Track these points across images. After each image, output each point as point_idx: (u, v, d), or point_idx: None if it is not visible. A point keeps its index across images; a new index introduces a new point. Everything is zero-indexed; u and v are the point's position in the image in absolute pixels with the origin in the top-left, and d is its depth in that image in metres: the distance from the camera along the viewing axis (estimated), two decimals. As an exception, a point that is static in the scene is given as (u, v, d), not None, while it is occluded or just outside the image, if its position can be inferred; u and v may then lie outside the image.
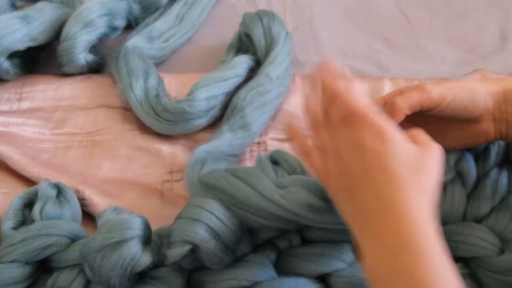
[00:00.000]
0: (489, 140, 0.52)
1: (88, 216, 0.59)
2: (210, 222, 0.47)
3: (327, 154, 0.44)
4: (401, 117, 0.48)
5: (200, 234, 0.46)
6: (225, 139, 0.61)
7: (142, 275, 0.50)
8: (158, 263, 0.50)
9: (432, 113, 0.50)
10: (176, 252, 0.47)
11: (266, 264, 0.51)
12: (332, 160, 0.43)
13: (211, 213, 0.48)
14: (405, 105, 0.47)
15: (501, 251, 0.50)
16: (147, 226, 0.49)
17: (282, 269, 0.52)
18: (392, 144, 0.40)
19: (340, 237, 0.51)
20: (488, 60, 0.73)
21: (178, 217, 0.49)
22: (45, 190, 0.56)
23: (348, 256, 0.51)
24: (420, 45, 0.76)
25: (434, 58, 0.74)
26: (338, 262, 0.51)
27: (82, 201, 0.59)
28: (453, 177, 0.54)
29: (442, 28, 0.78)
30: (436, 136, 0.51)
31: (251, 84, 0.65)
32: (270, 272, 0.51)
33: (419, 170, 0.40)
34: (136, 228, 0.47)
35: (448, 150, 0.51)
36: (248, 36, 0.70)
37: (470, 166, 0.55)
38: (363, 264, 0.40)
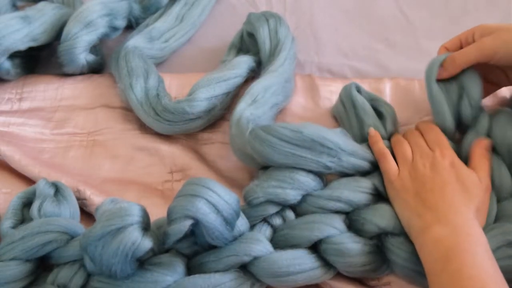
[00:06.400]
0: None
1: (89, 216, 0.60)
2: (209, 197, 0.48)
3: (406, 162, 0.56)
4: (459, 70, 0.58)
5: (200, 208, 0.47)
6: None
7: (142, 263, 0.50)
8: (157, 252, 0.51)
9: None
10: (177, 228, 0.47)
11: (263, 240, 0.53)
12: (409, 168, 0.55)
13: (209, 189, 0.49)
14: (463, 62, 0.57)
15: None
16: (145, 214, 0.50)
17: (278, 244, 0.54)
18: (463, 171, 0.54)
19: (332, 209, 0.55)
20: (488, 60, 0.73)
21: (177, 196, 0.50)
22: (43, 188, 0.56)
23: (338, 224, 0.54)
24: (420, 45, 0.76)
25: (434, 58, 0.74)
26: (330, 228, 0.53)
27: (83, 201, 0.59)
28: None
29: (442, 28, 0.78)
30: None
31: (268, 79, 0.64)
32: (268, 247, 0.52)
33: (483, 208, 0.53)
34: (135, 215, 0.48)
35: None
36: (251, 36, 0.70)
37: None
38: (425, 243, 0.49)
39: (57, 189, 0.58)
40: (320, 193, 0.55)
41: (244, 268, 0.52)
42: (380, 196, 0.56)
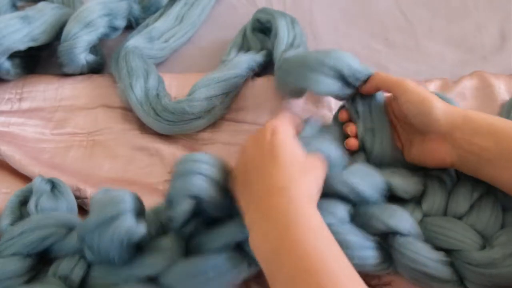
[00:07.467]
0: (446, 165, 0.53)
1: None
2: (206, 171, 0.49)
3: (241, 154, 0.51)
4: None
5: (200, 185, 0.48)
6: None
7: (141, 247, 0.51)
8: (155, 235, 0.51)
9: (397, 110, 0.57)
10: (182, 209, 0.48)
11: None
12: (241, 160, 0.50)
13: (204, 162, 0.50)
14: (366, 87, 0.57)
15: (482, 247, 0.50)
16: (138, 200, 0.51)
17: None
18: (281, 136, 0.48)
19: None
20: (488, 61, 0.73)
21: (174, 175, 0.50)
22: (39, 185, 0.57)
23: (341, 213, 0.52)
24: (420, 45, 0.76)
25: (434, 58, 0.74)
26: (330, 217, 0.51)
27: (83, 200, 0.59)
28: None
29: (442, 28, 0.78)
30: (405, 145, 0.57)
31: None
32: None
33: (304, 171, 0.46)
34: (127, 202, 0.48)
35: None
36: (257, 29, 0.71)
37: None
38: (252, 243, 0.45)
39: (54, 185, 0.58)
40: (333, 175, 0.52)
41: (241, 248, 0.51)
42: (392, 197, 0.54)
